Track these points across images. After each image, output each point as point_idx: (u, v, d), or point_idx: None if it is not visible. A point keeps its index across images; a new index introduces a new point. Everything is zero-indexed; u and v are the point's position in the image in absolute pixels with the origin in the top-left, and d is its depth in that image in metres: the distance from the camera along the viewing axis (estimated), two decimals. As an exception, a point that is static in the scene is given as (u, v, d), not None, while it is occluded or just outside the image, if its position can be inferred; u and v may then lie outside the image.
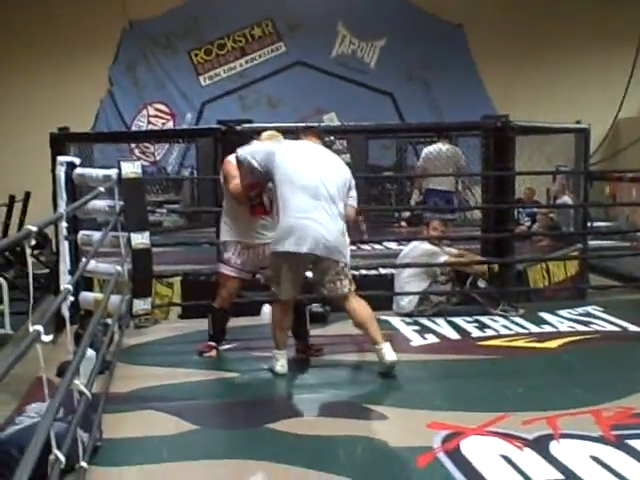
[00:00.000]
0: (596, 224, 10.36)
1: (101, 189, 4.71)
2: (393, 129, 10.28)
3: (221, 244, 5.11)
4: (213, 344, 5.12)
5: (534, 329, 5.65)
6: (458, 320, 5.90)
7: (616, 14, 13.85)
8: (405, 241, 7.16)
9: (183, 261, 7.38)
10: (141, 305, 5.41)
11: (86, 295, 5.79)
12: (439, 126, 9.55)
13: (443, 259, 6.29)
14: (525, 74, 13.86)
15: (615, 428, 3.59)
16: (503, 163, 6.76)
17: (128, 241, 5.33)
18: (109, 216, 5.43)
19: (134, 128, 13.38)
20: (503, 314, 6.04)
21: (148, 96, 13.78)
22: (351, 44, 14.20)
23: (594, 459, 3.25)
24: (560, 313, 6.11)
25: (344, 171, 4.65)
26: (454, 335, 5.54)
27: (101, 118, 13.34)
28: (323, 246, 4.40)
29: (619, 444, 3.41)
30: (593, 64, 14.09)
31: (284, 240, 4.44)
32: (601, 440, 3.46)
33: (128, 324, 5.57)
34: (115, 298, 4.94)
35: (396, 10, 13.84)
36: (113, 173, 5.42)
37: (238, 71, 14.07)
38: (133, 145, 12.92)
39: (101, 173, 5.69)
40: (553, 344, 5.24)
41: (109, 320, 4.74)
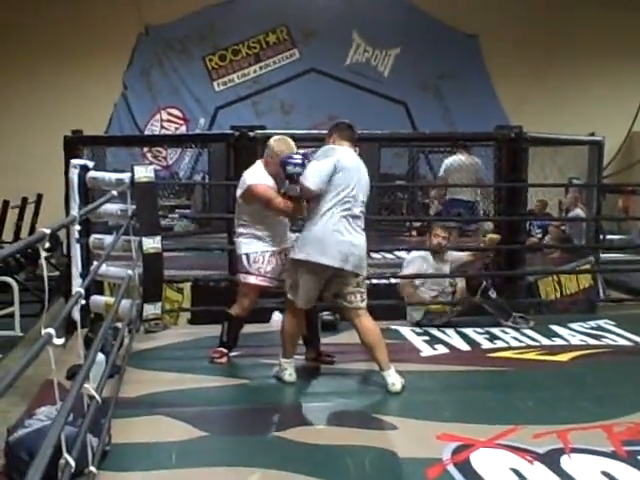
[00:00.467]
0: (608, 237, 10.33)
1: (114, 193, 4.71)
2: (407, 138, 10.26)
3: (244, 256, 4.92)
4: (224, 350, 5.10)
5: (545, 342, 5.62)
6: (468, 331, 5.87)
7: (632, 27, 13.83)
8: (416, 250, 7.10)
9: (193, 266, 7.37)
10: (151, 310, 5.39)
11: (96, 298, 5.78)
12: (453, 136, 9.52)
13: (446, 268, 6.26)
14: (539, 85, 13.85)
15: (627, 444, 3.56)
16: (516, 174, 6.74)
17: (139, 245, 5.32)
18: (121, 220, 5.42)
19: (147, 132, 13.41)
20: (514, 325, 6.01)
21: (162, 101, 13.81)
22: (365, 52, 14.21)
23: (605, 474, 3.23)
24: (571, 326, 6.08)
25: (368, 180, 4.65)
26: (464, 346, 5.51)
27: (114, 122, 13.36)
28: (351, 261, 4.39)
29: (631, 460, 3.38)
30: (608, 76, 14.05)
31: (311, 249, 4.39)
32: (612, 455, 3.44)
33: (138, 328, 5.57)
34: (125, 302, 4.92)
35: (411, 19, 13.86)
36: (126, 177, 5.41)
37: (252, 77, 14.10)
38: (145, 149, 12.94)
39: (114, 177, 5.67)
40: (564, 357, 5.21)
41: (119, 324, 4.73)
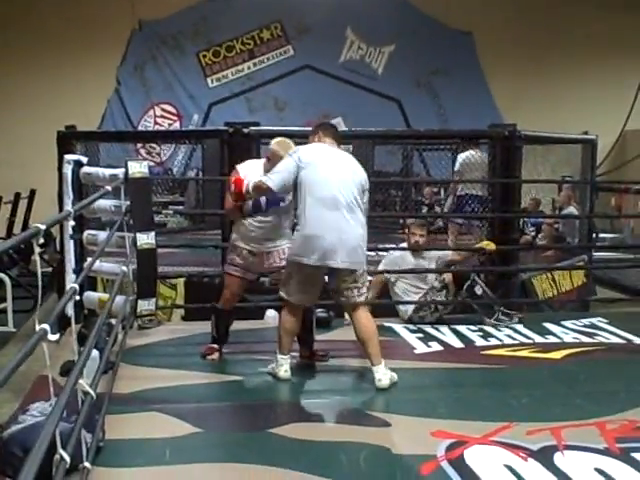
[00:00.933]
0: (601, 235, 10.36)
1: (108, 188, 4.69)
2: (401, 135, 10.25)
3: (230, 244, 5.08)
4: (215, 346, 5.10)
5: (538, 339, 5.63)
6: (462, 328, 5.88)
7: (626, 26, 13.86)
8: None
9: (187, 263, 7.36)
10: (145, 306, 5.37)
11: (90, 294, 5.77)
12: (447, 133, 9.54)
13: (427, 265, 6.26)
14: (533, 83, 13.88)
15: (620, 441, 3.57)
16: (509, 172, 6.75)
17: (134, 241, 5.30)
18: (115, 215, 5.41)
19: (140, 128, 13.39)
20: (496, 323, 5.99)
21: (155, 96, 13.80)
22: (359, 49, 14.22)
23: (598, 471, 3.24)
24: (565, 324, 6.09)
25: (360, 174, 4.58)
26: (458, 343, 5.52)
27: (108, 118, 13.35)
28: (338, 257, 4.39)
29: (624, 457, 3.39)
30: (601, 75, 14.10)
31: (297, 249, 4.49)
32: (606, 452, 3.44)
33: (132, 325, 5.56)
34: (119, 298, 4.91)
35: (405, 17, 13.87)
36: (120, 172, 5.40)
37: (246, 73, 14.10)
38: (139, 145, 12.92)
39: (108, 172, 5.66)
40: (557, 355, 5.22)
41: (113, 320, 4.72)
